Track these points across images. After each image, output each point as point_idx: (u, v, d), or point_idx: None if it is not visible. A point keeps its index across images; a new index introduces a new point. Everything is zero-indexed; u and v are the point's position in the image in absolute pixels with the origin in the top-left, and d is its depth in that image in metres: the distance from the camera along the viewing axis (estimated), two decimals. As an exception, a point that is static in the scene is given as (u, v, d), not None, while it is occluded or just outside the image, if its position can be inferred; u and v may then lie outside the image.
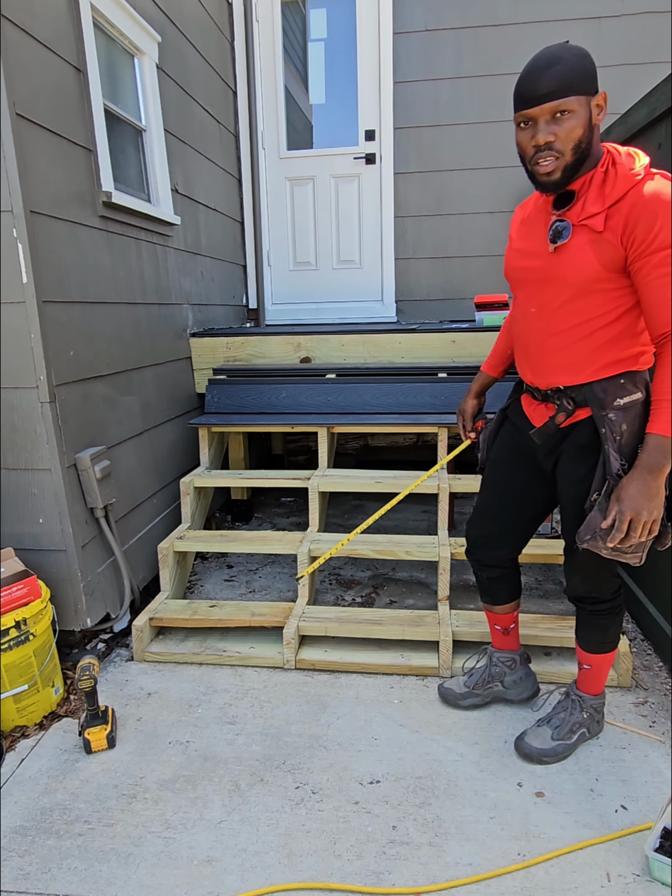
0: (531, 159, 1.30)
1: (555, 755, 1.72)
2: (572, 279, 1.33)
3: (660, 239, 1.22)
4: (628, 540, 1.34)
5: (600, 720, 1.80)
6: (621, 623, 1.67)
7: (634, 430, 1.38)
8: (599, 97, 1.25)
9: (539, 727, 1.77)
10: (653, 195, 1.22)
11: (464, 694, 1.94)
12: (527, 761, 1.73)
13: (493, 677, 1.93)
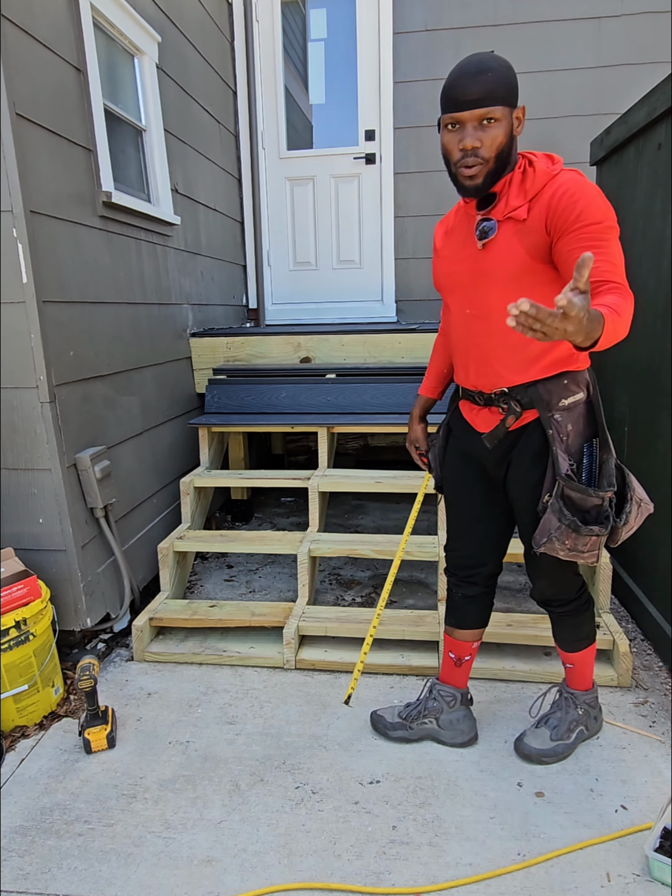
0: (456, 162, 1.32)
1: (555, 755, 1.71)
2: (502, 272, 1.35)
3: (583, 217, 1.25)
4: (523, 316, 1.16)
5: (598, 716, 1.79)
6: (593, 616, 1.67)
7: (580, 429, 1.41)
8: (519, 110, 1.32)
9: (538, 728, 1.76)
10: (570, 181, 1.28)
11: (395, 724, 1.82)
12: (527, 762, 1.72)
13: (428, 712, 1.81)
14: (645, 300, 2.27)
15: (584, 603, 1.64)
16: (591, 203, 1.25)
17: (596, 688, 1.78)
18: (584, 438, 1.42)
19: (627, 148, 2.42)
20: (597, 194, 1.26)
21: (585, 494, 1.38)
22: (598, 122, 3.63)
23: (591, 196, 1.25)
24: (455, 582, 1.73)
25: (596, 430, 1.43)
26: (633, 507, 1.43)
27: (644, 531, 2.29)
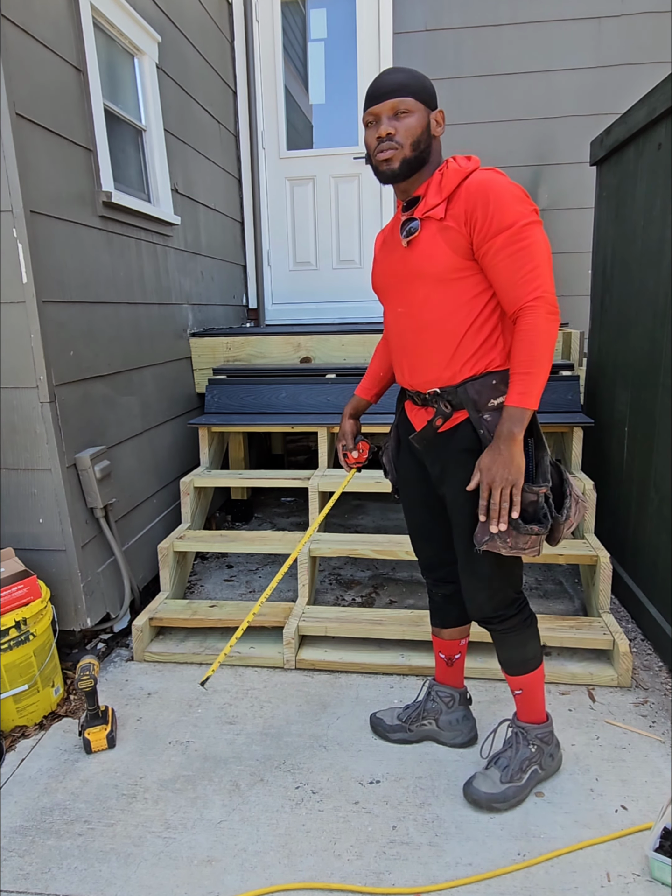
0: (374, 151, 1.38)
1: (505, 800, 1.56)
2: (428, 269, 1.37)
3: (496, 221, 1.29)
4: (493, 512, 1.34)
5: (554, 753, 1.66)
6: (538, 636, 1.58)
7: None
8: (437, 113, 1.38)
9: (488, 769, 1.62)
10: (483, 181, 1.31)
11: (394, 727, 1.82)
12: (476, 808, 1.58)
13: (427, 713, 1.81)
14: (645, 300, 2.27)
15: (526, 619, 1.56)
16: (500, 206, 1.28)
17: (550, 721, 1.65)
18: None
19: (627, 148, 2.42)
20: (504, 192, 1.29)
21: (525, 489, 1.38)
22: (598, 122, 3.64)
23: (499, 197, 1.28)
24: (431, 582, 1.73)
25: (531, 430, 1.42)
26: (573, 503, 1.43)
27: (644, 531, 2.29)
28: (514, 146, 3.74)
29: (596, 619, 2.20)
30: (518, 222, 1.28)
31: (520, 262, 1.29)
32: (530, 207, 1.30)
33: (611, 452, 2.63)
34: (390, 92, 1.33)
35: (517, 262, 1.30)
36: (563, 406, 2.75)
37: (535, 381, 1.30)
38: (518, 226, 1.28)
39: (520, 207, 1.29)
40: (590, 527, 2.44)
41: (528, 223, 1.29)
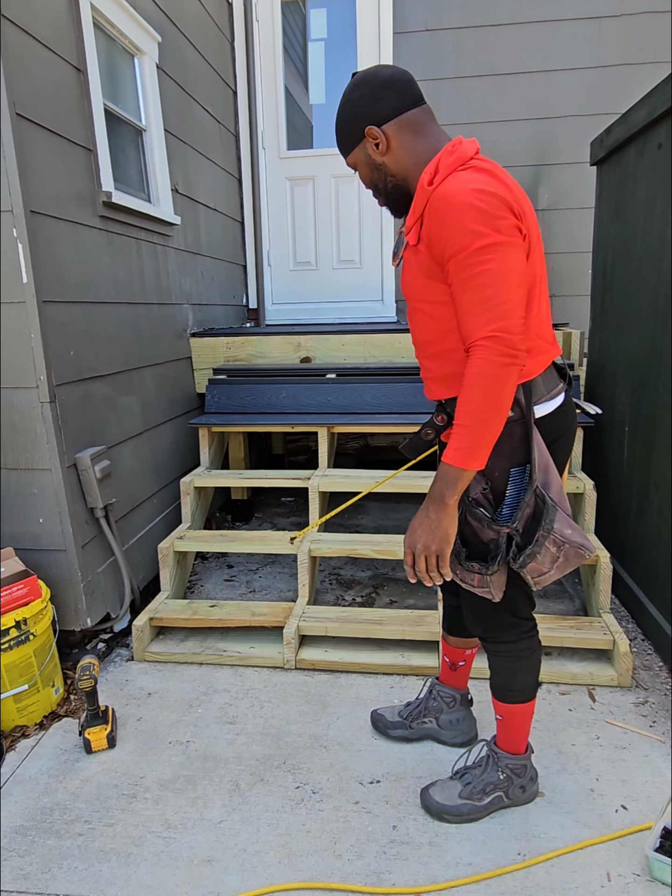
0: None
1: (457, 815, 1.52)
2: (408, 292, 1.32)
3: (450, 242, 1.14)
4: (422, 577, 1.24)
5: (526, 787, 1.57)
6: (531, 672, 1.48)
7: (504, 451, 1.25)
8: (368, 134, 1.23)
9: (450, 780, 1.58)
10: (442, 196, 1.15)
11: (395, 723, 1.81)
12: (427, 814, 1.56)
13: (428, 711, 1.80)
14: (645, 300, 2.27)
15: (521, 651, 1.45)
16: (454, 227, 1.12)
17: (528, 755, 1.56)
18: (512, 463, 1.27)
19: (627, 148, 2.42)
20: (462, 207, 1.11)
21: (482, 524, 1.27)
22: (598, 122, 3.63)
23: (453, 214, 1.12)
24: (442, 587, 1.71)
25: (528, 456, 1.27)
26: (545, 550, 1.27)
27: (644, 531, 2.29)
28: (514, 146, 3.73)
29: (596, 618, 2.20)
30: (472, 245, 1.10)
31: (474, 290, 1.12)
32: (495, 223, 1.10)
33: (611, 452, 2.63)
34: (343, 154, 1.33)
35: (471, 290, 1.12)
36: (564, 406, 2.74)
37: (476, 438, 1.12)
38: (472, 248, 1.10)
39: (475, 225, 1.10)
40: (590, 527, 2.44)
41: (485, 245, 1.10)
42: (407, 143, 1.24)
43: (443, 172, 1.18)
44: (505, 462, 1.27)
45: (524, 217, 1.16)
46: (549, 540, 1.26)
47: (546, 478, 1.28)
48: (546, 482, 1.28)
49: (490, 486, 1.28)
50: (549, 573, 1.31)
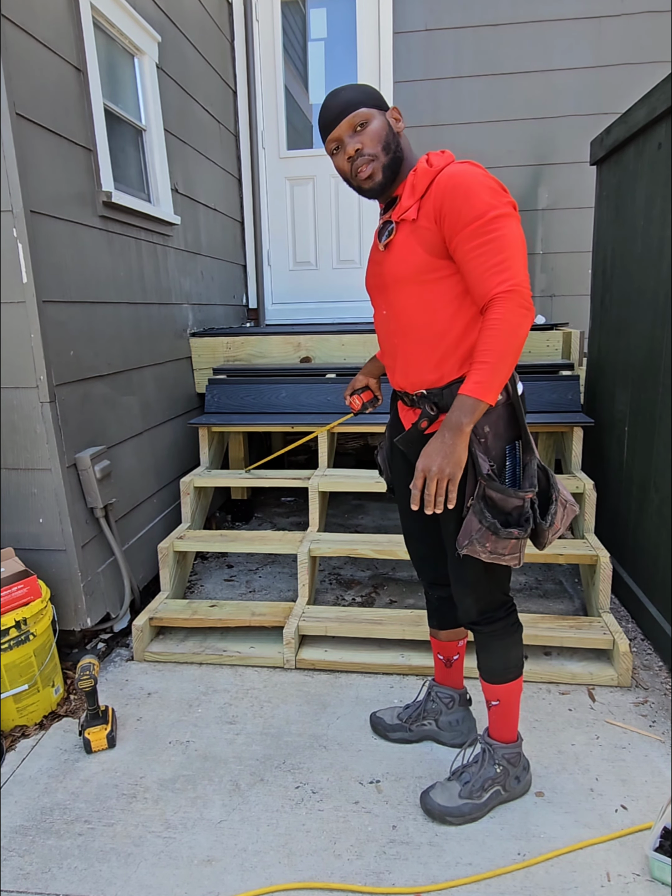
0: (352, 174, 1.36)
1: (460, 815, 1.54)
2: (404, 273, 1.35)
3: (464, 212, 1.24)
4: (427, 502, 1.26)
5: (521, 776, 1.60)
6: (521, 645, 1.55)
7: (499, 431, 1.36)
8: (393, 110, 1.35)
9: (449, 781, 1.59)
10: (453, 175, 1.27)
11: (394, 726, 1.83)
12: (429, 819, 1.56)
13: (427, 713, 1.81)
14: (645, 300, 2.27)
15: (513, 623, 1.53)
16: (469, 197, 1.24)
17: (520, 742, 1.60)
18: (506, 441, 1.38)
19: (627, 148, 2.42)
20: (477, 185, 1.24)
21: (506, 495, 1.33)
22: (598, 122, 3.63)
23: (468, 188, 1.24)
24: (427, 585, 1.72)
25: (518, 433, 1.39)
26: (559, 509, 1.40)
27: (644, 531, 2.29)
28: (514, 146, 3.74)
29: (596, 618, 2.20)
30: (487, 213, 1.23)
31: (489, 253, 1.24)
32: (503, 199, 1.25)
33: (611, 452, 2.63)
34: (341, 112, 1.32)
35: (486, 254, 1.24)
36: (563, 406, 2.75)
37: (495, 374, 1.22)
38: (487, 217, 1.23)
39: (489, 198, 1.24)
40: (590, 527, 2.44)
41: (498, 215, 1.23)
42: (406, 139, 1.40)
43: (438, 163, 1.32)
44: (501, 441, 1.37)
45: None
46: (560, 500, 1.41)
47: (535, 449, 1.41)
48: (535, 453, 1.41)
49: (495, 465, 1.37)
50: (560, 529, 1.43)
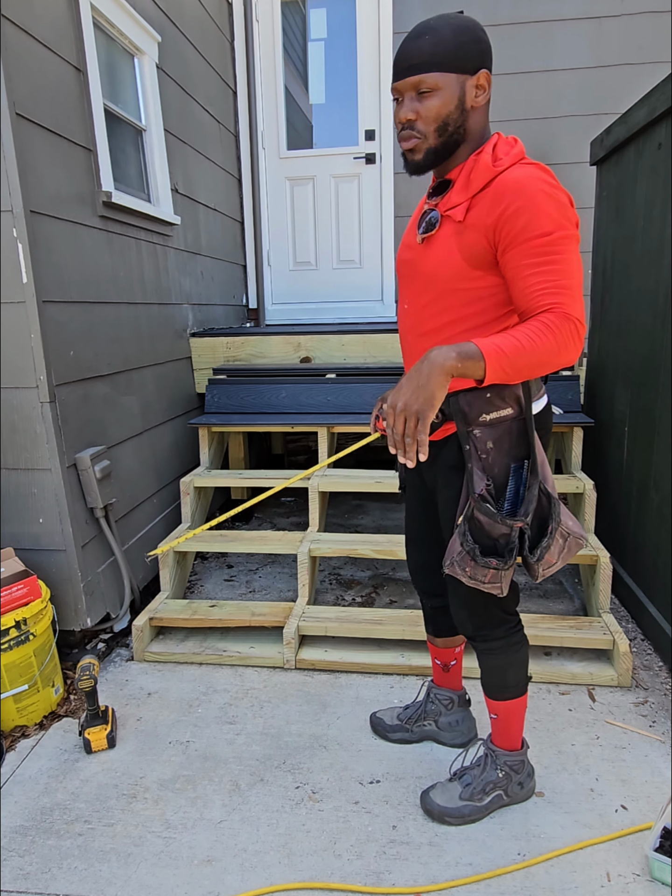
0: (398, 135, 1.21)
1: (459, 816, 1.52)
2: (435, 275, 1.24)
3: (530, 226, 1.11)
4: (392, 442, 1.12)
5: (524, 783, 1.57)
6: (523, 666, 1.49)
7: (504, 448, 1.26)
8: (481, 76, 1.15)
9: (450, 782, 1.58)
10: (520, 179, 1.12)
11: (394, 727, 1.82)
12: (429, 819, 1.55)
13: (427, 714, 1.80)
14: (645, 300, 2.27)
15: (512, 645, 1.46)
16: (538, 212, 1.11)
17: (524, 751, 1.57)
18: (512, 459, 1.28)
19: (627, 148, 2.42)
20: (546, 199, 1.11)
21: (493, 520, 1.25)
22: (598, 122, 3.64)
23: (539, 202, 1.11)
24: (420, 593, 1.69)
25: (528, 451, 1.28)
26: (555, 542, 1.29)
27: (644, 531, 2.29)
28: (514, 146, 3.73)
29: (596, 618, 2.20)
30: (554, 232, 1.10)
31: (548, 273, 1.11)
32: (572, 218, 1.13)
33: (611, 452, 2.63)
34: (412, 68, 1.12)
35: (546, 273, 1.11)
36: (564, 406, 2.75)
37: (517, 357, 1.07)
38: (554, 236, 1.11)
39: (558, 216, 1.11)
40: (590, 527, 2.44)
41: (564, 236, 1.11)
42: (485, 111, 1.22)
43: (506, 159, 1.16)
44: (506, 458, 1.27)
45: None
46: (559, 531, 1.29)
47: (544, 472, 1.30)
48: (545, 477, 1.30)
49: (493, 483, 1.28)
50: (556, 564, 1.32)
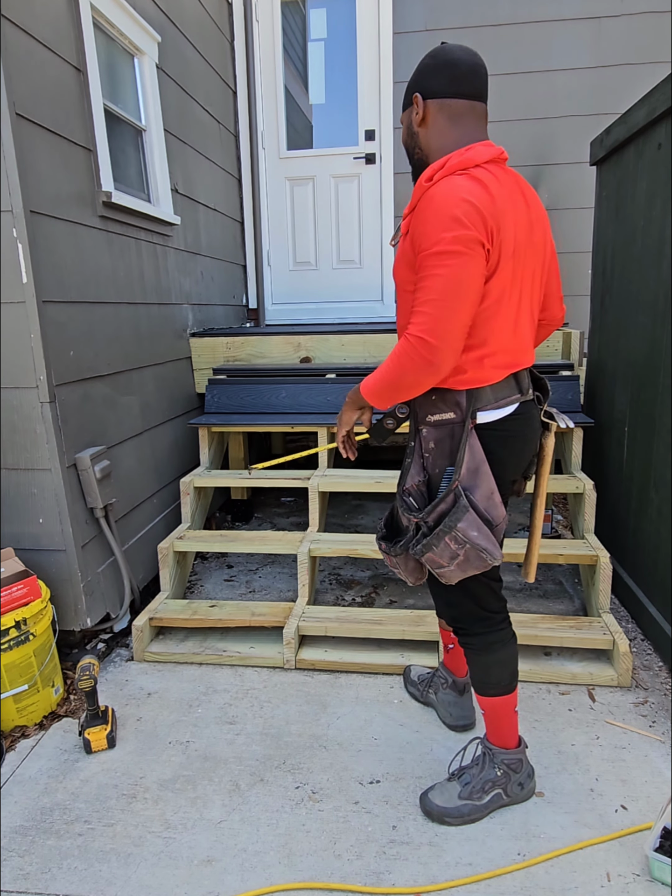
0: None
1: (459, 816, 1.53)
2: (396, 278, 1.36)
3: (420, 241, 1.20)
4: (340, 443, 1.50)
5: (524, 783, 1.57)
6: (506, 666, 1.49)
7: (445, 450, 1.33)
8: (413, 101, 1.29)
9: (449, 782, 1.59)
10: (430, 197, 1.20)
11: (413, 681, 2.01)
12: (429, 819, 1.55)
13: (432, 684, 1.94)
14: (645, 300, 2.27)
15: (491, 644, 1.48)
16: (424, 229, 1.19)
17: (522, 749, 1.57)
18: (450, 461, 1.34)
19: (627, 148, 2.42)
20: (433, 215, 1.17)
21: (401, 511, 1.38)
22: (598, 122, 3.64)
23: (427, 218, 1.18)
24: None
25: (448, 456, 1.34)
26: (444, 545, 1.31)
27: (644, 531, 2.29)
28: (514, 146, 3.74)
29: (596, 619, 2.20)
30: (431, 248, 1.17)
31: (419, 290, 1.20)
32: (455, 233, 1.14)
33: (611, 452, 2.63)
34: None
35: (420, 289, 1.19)
36: (563, 406, 2.75)
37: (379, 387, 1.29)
38: (430, 251, 1.17)
39: (440, 231, 1.15)
40: (590, 527, 2.44)
41: (438, 252, 1.16)
42: (439, 126, 1.28)
43: (443, 172, 1.22)
44: (444, 460, 1.34)
45: (498, 233, 1.19)
46: (450, 536, 1.29)
47: (474, 481, 1.31)
48: (473, 485, 1.31)
49: (428, 480, 1.37)
50: (449, 568, 1.34)
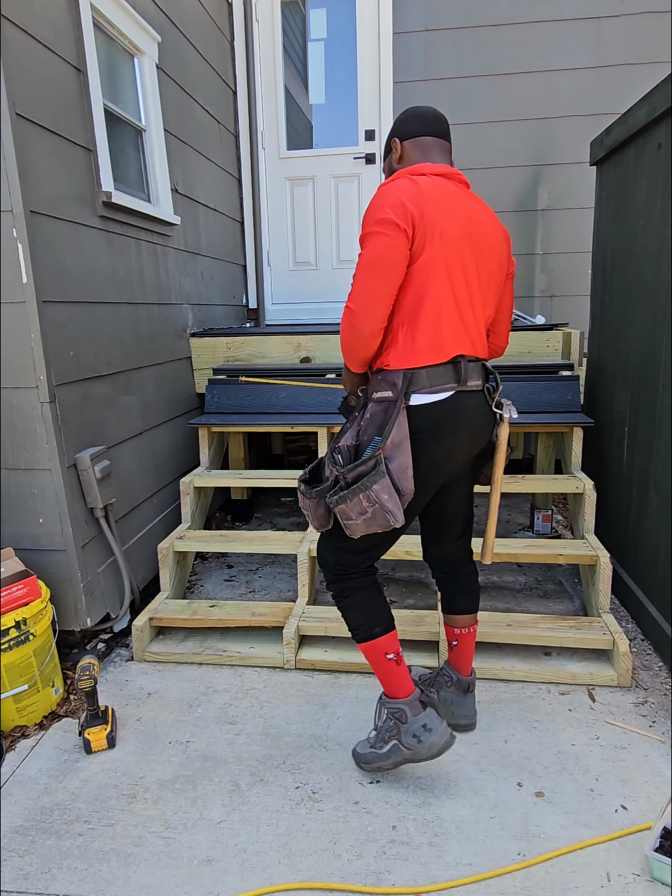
0: None
1: (367, 763, 1.67)
2: None
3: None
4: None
5: (419, 735, 1.57)
6: (356, 614, 1.62)
7: (377, 423, 1.50)
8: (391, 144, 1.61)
9: (372, 731, 1.72)
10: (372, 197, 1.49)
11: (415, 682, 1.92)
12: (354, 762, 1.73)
13: (434, 683, 1.91)
14: (645, 300, 2.27)
15: (342, 591, 1.64)
16: (363, 219, 1.46)
17: (404, 701, 1.59)
18: (378, 432, 1.50)
19: (627, 148, 2.42)
20: (370, 207, 1.44)
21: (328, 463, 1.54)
22: (598, 122, 3.64)
23: (367, 211, 1.45)
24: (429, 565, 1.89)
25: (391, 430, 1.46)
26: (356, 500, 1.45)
27: (644, 531, 2.29)
28: (514, 146, 3.74)
29: (596, 619, 2.20)
30: (362, 232, 1.46)
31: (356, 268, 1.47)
32: (376, 216, 1.41)
33: (611, 452, 2.63)
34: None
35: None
36: (563, 406, 2.75)
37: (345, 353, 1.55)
38: (360, 238, 1.46)
39: (366, 220, 1.44)
40: (590, 527, 2.44)
41: (362, 236, 1.46)
42: (413, 160, 1.58)
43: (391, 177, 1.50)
44: (374, 430, 1.50)
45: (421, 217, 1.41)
46: (364, 494, 1.44)
47: (395, 453, 1.46)
48: (392, 456, 1.46)
49: (358, 444, 1.53)
50: (356, 522, 1.48)
